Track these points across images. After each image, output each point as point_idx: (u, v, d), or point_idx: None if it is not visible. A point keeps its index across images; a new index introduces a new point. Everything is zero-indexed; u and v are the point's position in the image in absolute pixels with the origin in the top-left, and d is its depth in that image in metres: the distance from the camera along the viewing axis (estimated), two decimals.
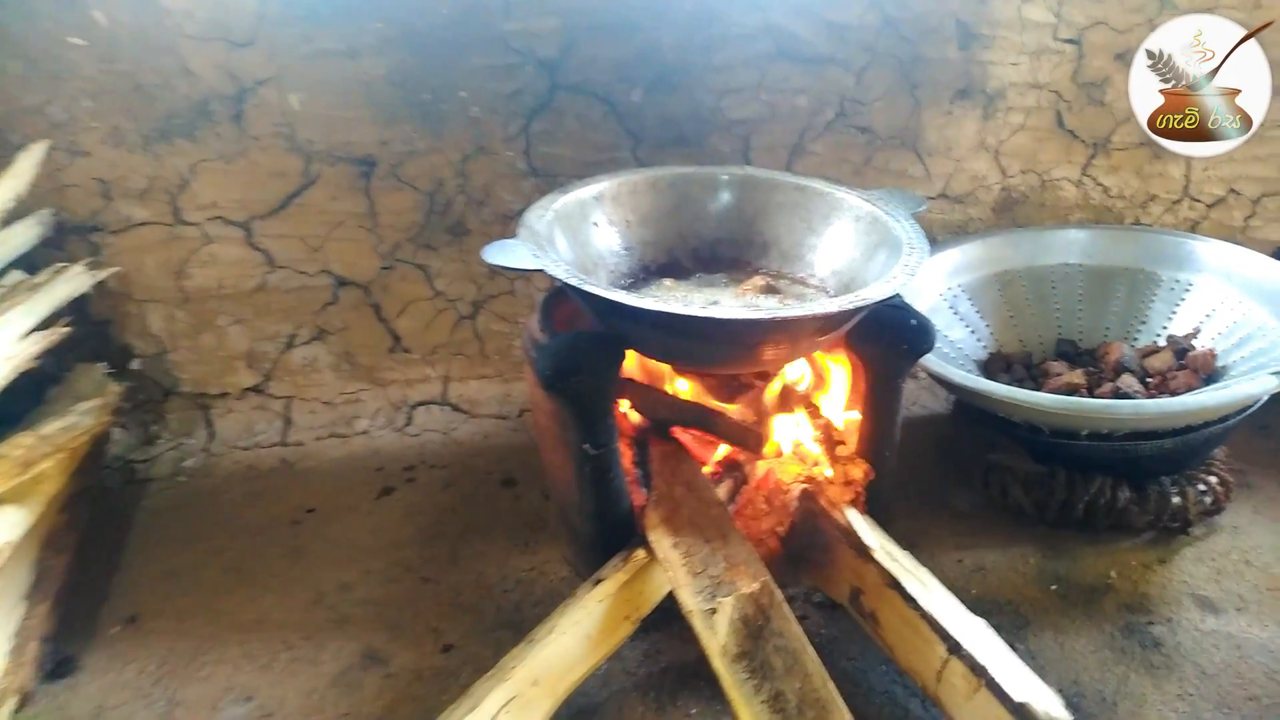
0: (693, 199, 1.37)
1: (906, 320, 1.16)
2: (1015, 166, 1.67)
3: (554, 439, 1.20)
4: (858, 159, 1.61)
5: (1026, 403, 1.20)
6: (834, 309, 1.02)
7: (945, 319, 1.53)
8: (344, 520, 1.39)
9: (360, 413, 1.61)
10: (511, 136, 1.51)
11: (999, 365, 1.50)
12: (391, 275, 1.56)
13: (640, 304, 1.02)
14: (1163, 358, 1.43)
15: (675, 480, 1.16)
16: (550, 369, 1.07)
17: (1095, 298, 1.57)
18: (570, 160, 1.54)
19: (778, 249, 1.36)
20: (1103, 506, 1.29)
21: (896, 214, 1.24)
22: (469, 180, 1.53)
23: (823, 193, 1.33)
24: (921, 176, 1.65)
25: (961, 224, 1.70)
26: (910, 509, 1.38)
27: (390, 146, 1.49)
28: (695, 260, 1.37)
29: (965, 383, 1.25)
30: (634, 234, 1.34)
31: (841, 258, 1.29)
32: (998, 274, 1.59)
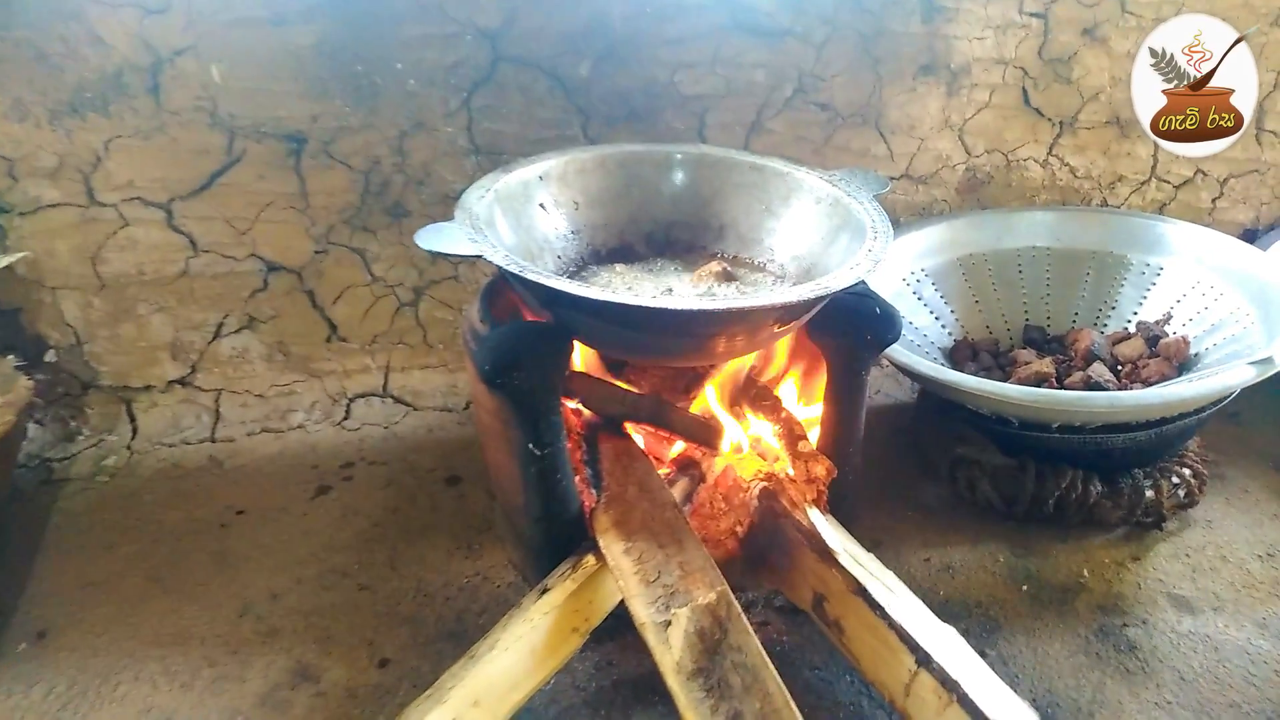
0: (644, 179, 1.30)
1: (871, 309, 1.09)
2: (980, 145, 1.61)
3: (497, 437, 1.12)
4: (818, 137, 1.54)
5: (997, 395, 1.15)
6: (793, 299, 0.95)
7: (909, 305, 1.47)
8: (276, 523, 1.30)
9: (295, 406, 1.51)
10: (452, 112, 1.42)
11: (965, 353, 1.44)
12: (326, 260, 1.46)
13: (583, 293, 0.94)
14: (1134, 345, 1.38)
15: (628, 480, 1.09)
16: (489, 363, 0.99)
17: (1063, 282, 1.52)
18: (515, 137, 1.45)
19: (735, 232, 1.28)
20: (1074, 501, 1.24)
21: (859, 196, 1.17)
22: (407, 158, 1.44)
23: (782, 173, 1.26)
24: (884, 156, 1.58)
25: (925, 205, 1.63)
26: (874, 504, 1.32)
27: (321, 122, 1.39)
28: (648, 244, 1.30)
29: (932, 374, 1.19)
30: (582, 216, 1.26)
31: (802, 242, 1.22)
32: (962, 258, 1.53)
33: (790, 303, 0.95)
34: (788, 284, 1.20)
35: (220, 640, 1.11)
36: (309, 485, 1.37)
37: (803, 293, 0.96)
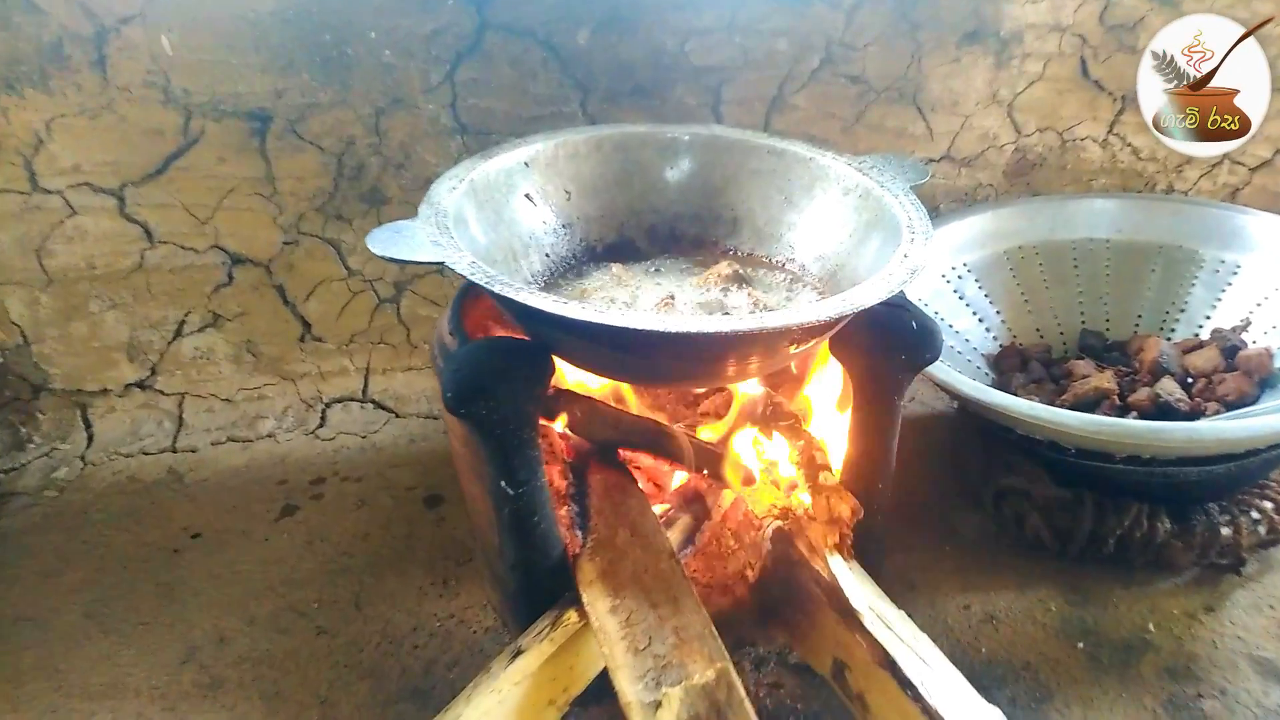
0: (647, 165, 1.13)
1: (905, 323, 0.93)
2: (1032, 123, 1.43)
3: (469, 467, 0.98)
4: (848, 114, 1.37)
5: (1055, 424, 0.98)
6: (812, 318, 0.79)
7: (949, 305, 1.30)
8: (233, 548, 1.17)
9: (265, 412, 1.38)
10: (433, 86, 1.26)
11: (1013, 362, 1.27)
12: (296, 251, 1.32)
13: (559, 311, 0.78)
14: (1207, 356, 1.20)
15: (618, 522, 0.94)
16: (453, 389, 0.84)
17: (1125, 280, 1.34)
18: (505, 115, 1.29)
19: (750, 226, 1.12)
20: (1138, 540, 1.08)
21: (894, 187, 1.01)
22: (385, 138, 1.28)
23: (804, 159, 1.09)
24: (923, 135, 1.40)
25: (969, 190, 1.46)
26: (907, 536, 1.16)
27: (287, 98, 1.24)
28: (651, 239, 1.14)
29: (977, 395, 1.03)
30: (575, 208, 1.10)
31: (827, 240, 1.06)
32: (1010, 251, 1.36)
33: (809, 324, 0.79)
34: (809, 288, 1.04)
35: (157, 693, 0.98)
36: (274, 504, 1.24)
37: (824, 311, 0.79)
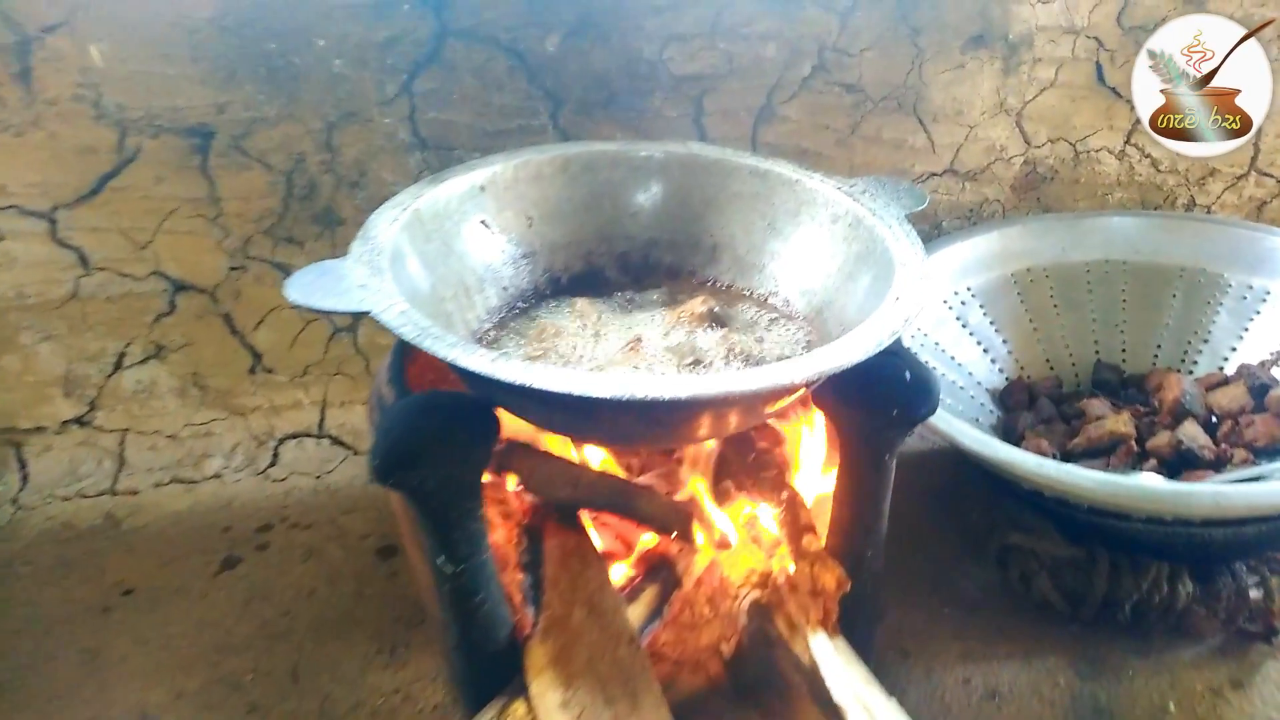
0: (618, 187, 1.03)
1: (898, 373, 0.82)
2: (1043, 134, 1.32)
3: (409, 530, 0.88)
4: (842, 125, 1.26)
5: (1068, 485, 0.88)
6: (786, 380, 0.68)
7: (951, 334, 1.20)
8: (168, 607, 1.07)
9: (212, 450, 1.28)
10: (389, 99, 1.16)
11: (1019, 398, 1.17)
12: (244, 277, 1.22)
13: (492, 371, 0.68)
14: (1233, 394, 1.09)
15: (575, 597, 0.84)
16: (381, 455, 0.74)
17: (1143, 306, 1.24)
18: (469, 129, 1.19)
19: (731, 255, 1.02)
20: (1157, 605, 0.97)
21: (887, 215, 0.90)
22: (338, 155, 1.18)
23: (790, 181, 0.98)
24: (924, 147, 1.30)
25: (974, 207, 1.35)
26: (903, 594, 1.06)
27: (229, 113, 1.14)
28: (622, 269, 1.03)
29: (981, 450, 0.92)
30: (537, 235, 1.00)
31: (813, 273, 0.95)
32: (1018, 273, 1.26)
33: (780, 386, 0.69)
34: (793, 328, 0.94)
35: None
36: (215, 555, 1.14)
37: (799, 372, 0.69)
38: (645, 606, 0.88)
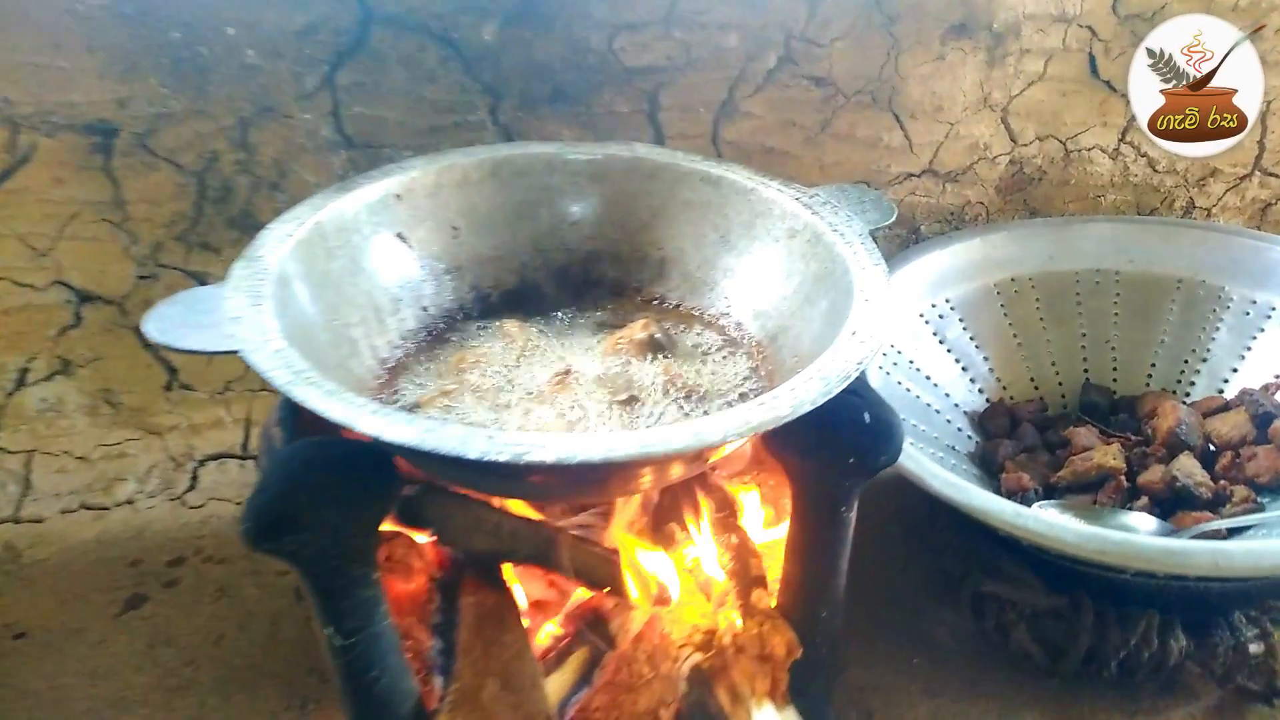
0: (555, 193, 0.93)
1: (855, 416, 0.72)
2: (1030, 131, 1.22)
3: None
4: (811, 123, 1.16)
5: (1050, 538, 0.78)
6: (713, 439, 0.58)
7: (927, 351, 1.10)
8: (61, 654, 0.98)
9: (125, 473, 1.18)
10: (309, 92, 1.05)
11: (1000, 423, 1.07)
12: (155, 286, 1.11)
13: (372, 427, 0.58)
14: (1234, 422, 1.00)
15: (489, 667, 0.74)
16: (252, 517, 0.64)
17: (1137, 320, 1.14)
18: (399, 126, 1.08)
19: (680, 271, 0.92)
20: (1147, 661, 0.88)
21: (849, 230, 0.80)
22: (254, 154, 1.07)
23: (745, 189, 0.88)
24: (900, 146, 1.19)
25: (955, 210, 1.25)
26: (867, 640, 0.97)
27: (132, 108, 1.03)
28: (560, 285, 0.94)
29: (953, 495, 0.82)
30: (464, 248, 0.90)
31: (768, 294, 0.86)
32: (1002, 283, 1.16)
33: (705, 446, 0.59)
34: (744, 356, 0.84)
35: None
36: (119, 593, 1.05)
37: (732, 427, 0.59)
38: (573, 671, 0.78)
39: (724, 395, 0.79)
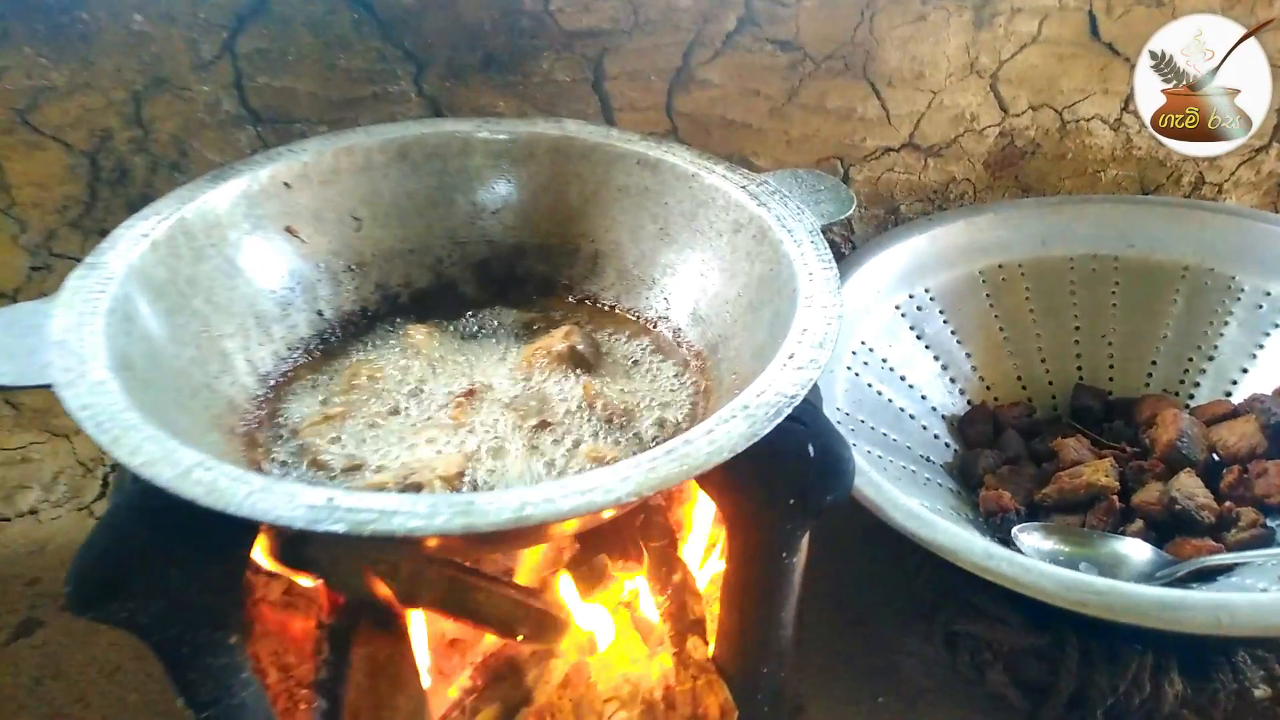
0: (474, 178, 0.82)
1: (797, 448, 0.62)
2: (1023, 100, 1.10)
3: None
4: (777, 92, 1.04)
5: (1023, 584, 0.68)
6: (601, 501, 0.48)
7: (902, 347, 0.99)
8: None
9: (29, 479, 1.08)
10: (206, 62, 0.94)
11: (981, 429, 0.97)
12: (50, 278, 1.01)
13: (175, 485, 0.47)
14: (1241, 431, 0.89)
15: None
16: (74, 581, 0.54)
17: (1137, 313, 1.03)
18: (311, 99, 0.97)
19: (616, 266, 0.81)
20: (1138, 707, 0.78)
21: (800, 226, 0.69)
22: (151, 130, 0.96)
23: (686, 174, 0.77)
24: (876, 117, 1.07)
25: (938, 188, 1.13)
26: (829, 676, 0.87)
27: (8, 80, 0.92)
28: (481, 282, 0.83)
29: (917, 530, 0.72)
30: (368, 241, 0.80)
31: (710, 295, 0.75)
32: (988, 270, 1.05)
33: (592, 510, 0.48)
34: (680, 370, 0.73)
35: None
36: (11, 618, 0.95)
37: (628, 485, 0.48)
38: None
39: (653, 420, 0.68)
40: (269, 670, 0.74)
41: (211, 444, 0.63)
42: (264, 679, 0.73)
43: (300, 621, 0.75)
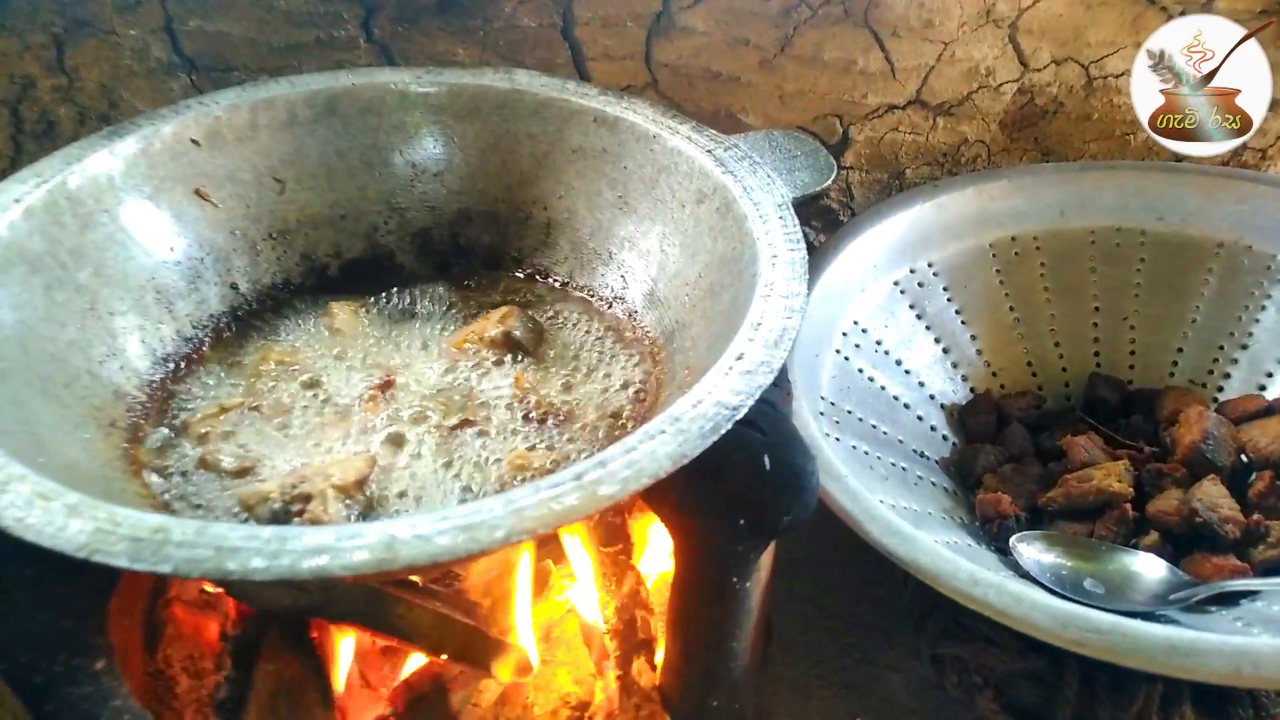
0: (413, 136, 0.74)
1: (750, 459, 0.53)
2: (1045, 53, 0.99)
3: None
4: (768, 41, 0.94)
5: (1013, 617, 0.59)
6: (485, 542, 0.39)
7: (899, 327, 0.90)
8: None
9: None
10: (132, 3, 0.85)
11: (984, 421, 0.87)
12: None
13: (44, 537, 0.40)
14: (1276, 430, 0.79)
15: None
16: None
17: (1164, 293, 0.92)
18: (249, 45, 0.88)
19: (570, 239, 0.73)
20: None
21: (768, 198, 0.60)
22: (75, 79, 0.88)
23: (647, 135, 0.69)
24: (880, 70, 0.97)
25: (948, 151, 1.03)
26: (800, 688, 0.79)
27: None
28: (420, 254, 0.75)
29: (896, 549, 0.63)
30: (292, 206, 0.72)
31: (670, 275, 0.66)
32: (999, 243, 0.94)
33: (472, 552, 0.40)
34: (630, 362, 0.65)
35: None
36: None
37: (524, 520, 0.40)
38: None
39: (592, 420, 0.60)
40: (179, 678, 0.67)
41: (83, 441, 0.55)
42: (174, 688, 0.67)
43: (218, 625, 0.68)
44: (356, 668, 0.67)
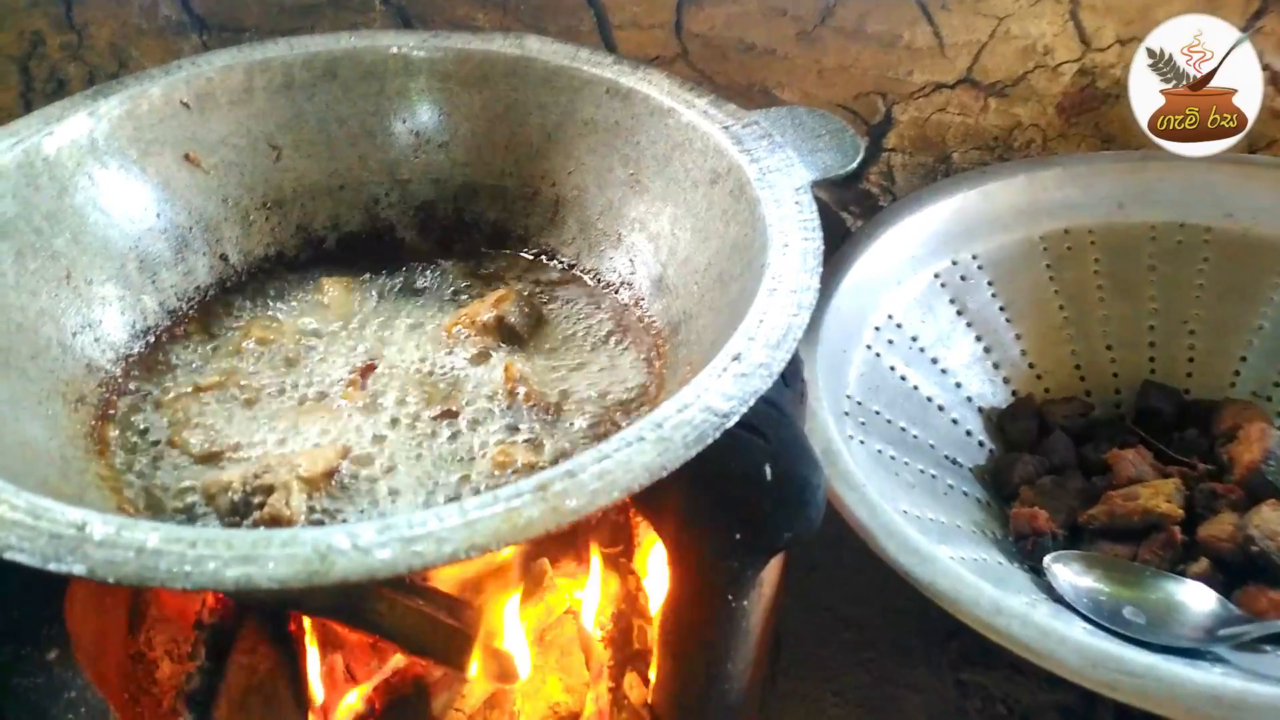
0: (417, 103, 0.70)
1: (750, 468, 0.48)
2: (1109, 30, 0.91)
3: None
4: (807, 12, 0.88)
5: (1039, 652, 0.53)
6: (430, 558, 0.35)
7: (936, 323, 0.84)
8: None
9: None
10: None
11: (1024, 427, 0.81)
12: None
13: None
14: None
15: None
16: None
17: (1228, 297, 0.85)
18: (260, 4, 0.85)
19: (578, 217, 0.68)
20: None
21: (785, 181, 0.55)
22: (85, 36, 0.86)
23: (662, 109, 0.64)
24: (927, 46, 0.90)
25: (1000, 135, 0.96)
26: (813, 704, 0.74)
27: None
28: (423, 227, 0.71)
29: (912, 569, 0.58)
30: (288, 174, 0.68)
31: (680, 260, 0.62)
32: (1051, 236, 0.88)
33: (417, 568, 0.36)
34: (634, 348, 0.60)
35: None
36: None
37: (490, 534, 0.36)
38: None
39: (585, 416, 0.55)
40: (161, 662, 0.64)
41: (46, 417, 0.52)
42: (154, 672, 0.64)
43: None
44: (341, 659, 0.63)
